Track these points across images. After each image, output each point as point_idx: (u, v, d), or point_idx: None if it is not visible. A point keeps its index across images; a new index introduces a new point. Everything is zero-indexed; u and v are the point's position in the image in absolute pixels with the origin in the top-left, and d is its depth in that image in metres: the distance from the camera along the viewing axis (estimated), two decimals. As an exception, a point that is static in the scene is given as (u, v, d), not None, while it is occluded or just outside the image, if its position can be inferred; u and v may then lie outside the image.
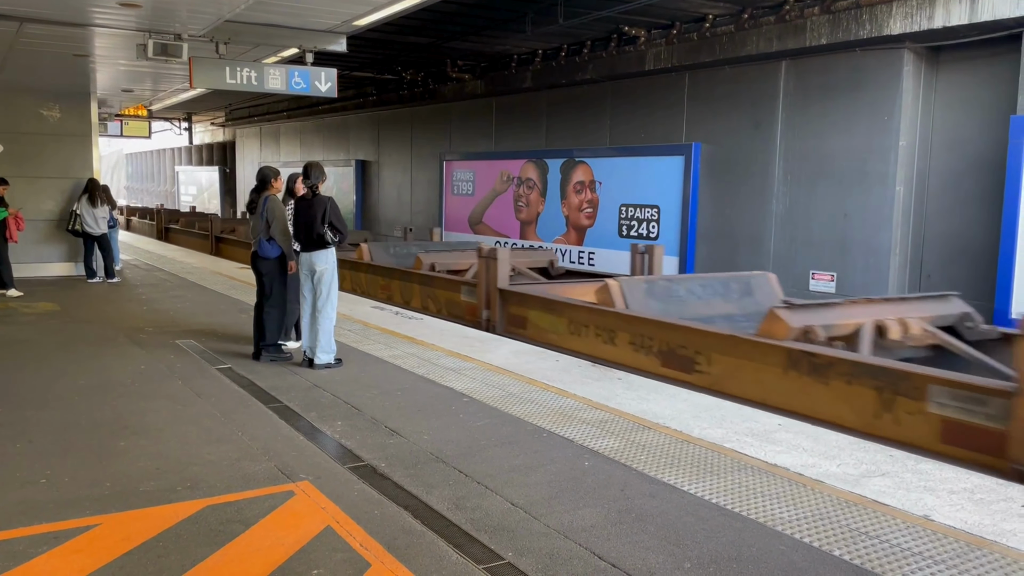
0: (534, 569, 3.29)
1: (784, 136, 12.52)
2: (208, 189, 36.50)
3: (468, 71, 18.62)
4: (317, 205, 6.86)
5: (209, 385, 6.28)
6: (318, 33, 9.27)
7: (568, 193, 16.58)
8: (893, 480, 4.35)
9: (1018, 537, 3.63)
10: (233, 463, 4.51)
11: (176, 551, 3.42)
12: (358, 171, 24.77)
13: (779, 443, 4.98)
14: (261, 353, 7.18)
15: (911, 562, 3.38)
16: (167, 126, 35.93)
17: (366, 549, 3.46)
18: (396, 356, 7.37)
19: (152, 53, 8.68)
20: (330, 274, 6.93)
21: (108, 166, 49.93)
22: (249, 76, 9.41)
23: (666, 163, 14.28)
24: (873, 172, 11.32)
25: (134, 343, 7.87)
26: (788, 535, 3.64)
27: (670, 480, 4.31)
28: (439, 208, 20.84)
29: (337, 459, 4.60)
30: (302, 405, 5.73)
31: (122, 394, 5.98)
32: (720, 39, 12.75)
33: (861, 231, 11.50)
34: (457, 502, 3.98)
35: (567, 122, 16.94)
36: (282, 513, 3.83)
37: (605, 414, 5.58)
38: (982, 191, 10.53)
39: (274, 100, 26.48)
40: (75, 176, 13.30)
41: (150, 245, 20.64)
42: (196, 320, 9.18)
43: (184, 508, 3.86)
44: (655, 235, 14.52)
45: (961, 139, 10.89)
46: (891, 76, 11.07)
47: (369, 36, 12.85)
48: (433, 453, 4.71)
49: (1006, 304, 9.73)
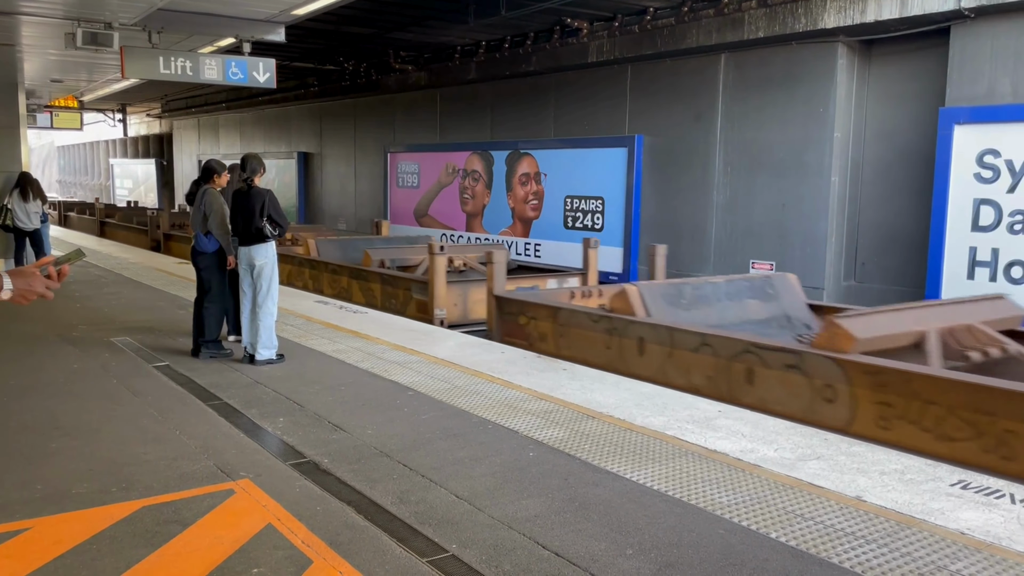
0: (478, 560, 3.30)
1: (724, 128, 12.73)
2: (145, 182, 35.57)
3: (411, 62, 18.47)
4: (255, 198, 6.74)
5: (146, 383, 6.13)
6: (255, 23, 9.10)
7: (514, 185, 16.60)
8: (828, 463, 4.47)
9: (946, 516, 3.76)
10: (170, 462, 4.42)
11: (111, 553, 3.33)
12: (300, 163, 24.40)
13: (719, 429, 5.07)
14: (200, 350, 7.03)
15: (844, 542, 3.48)
16: (100, 117, 34.81)
17: (308, 546, 3.42)
18: (340, 351, 7.30)
19: (81, 42, 8.43)
20: (270, 268, 6.82)
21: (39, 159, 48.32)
22: (184, 66, 9.20)
23: (610, 155, 14.40)
24: (810, 163, 11.59)
25: (67, 341, 7.64)
26: (727, 519, 3.71)
27: (613, 468, 4.36)
28: (384, 200, 20.67)
29: (279, 456, 4.54)
30: (243, 402, 5.63)
31: (54, 394, 5.81)
32: (661, 32, 12.89)
33: (799, 220, 11.76)
34: (401, 496, 3.96)
35: (512, 114, 16.95)
36: (221, 512, 3.77)
37: (550, 404, 5.61)
38: (913, 181, 10.87)
39: (212, 91, 25.88)
40: (4, 170, 12.82)
41: (87, 241, 20.04)
42: (133, 317, 8.94)
43: (119, 509, 3.77)
44: (600, 226, 14.63)
45: (892, 130, 11.21)
46: (826, 69, 11.34)
47: (309, 26, 12.64)
48: (377, 448, 4.68)
49: (936, 292, 10.07)
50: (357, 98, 21.33)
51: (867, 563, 3.29)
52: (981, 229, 9.76)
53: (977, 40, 9.85)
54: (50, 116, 26.06)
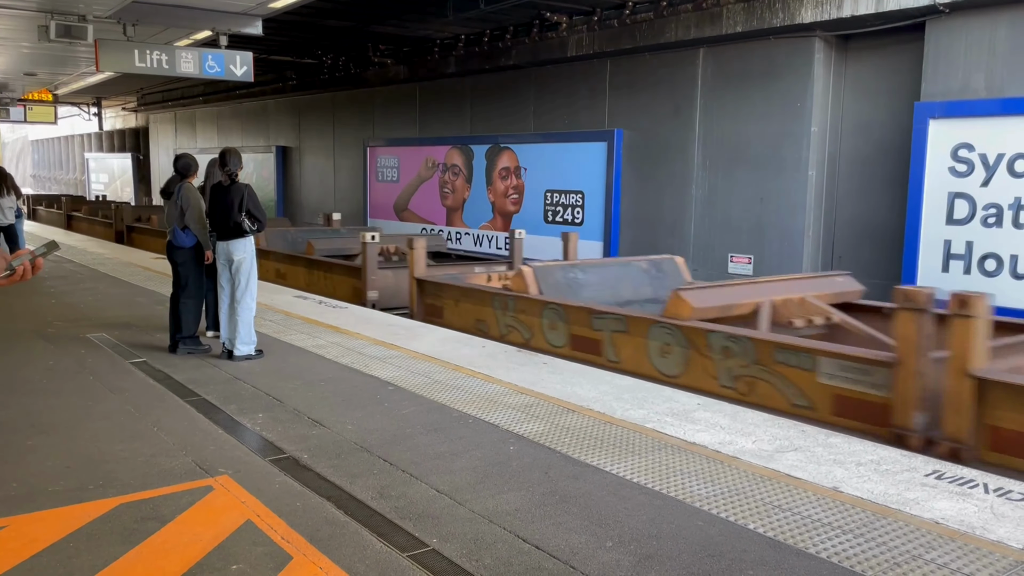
0: (458, 554, 3.31)
1: (703, 122, 12.78)
2: (121, 177, 35.17)
3: (391, 56, 18.38)
4: (234, 192, 6.69)
5: (122, 380, 6.07)
6: (232, 15, 9.02)
7: (494, 179, 16.58)
8: (805, 454, 4.52)
9: (921, 506, 3.81)
10: (148, 459, 4.38)
11: (87, 551, 3.31)
12: (279, 157, 24.22)
13: (698, 422, 5.11)
14: (178, 346, 6.98)
15: (821, 532, 3.52)
16: (75, 111, 34.40)
17: (288, 542, 3.41)
18: (320, 346, 7.27)
19: (55, 35, 8.32)
20: (248, 263, 6.78)
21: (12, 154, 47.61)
22: (160, 59, 9.10)
23: (589, 149, 14.41)
24: (787, 157, 11.66)
25: (42, 338, 7.54)
26: (705, 511, 3.74)
27: (593, 461, 4.38)
28: (363, 195, 20.58)
29: (258, 452, 4.52)
30: (221, 398, 5.60)
31: (29, 391, 5.74)
32: (640, 26, 12.91)
33: (776, 215, 11.85)
34: (381, 491, 3.96)
35: (492, 108, 16.91)
36: (200, 508, 3.75)
37: (530, 398, 5.62)
38: (888, 175, 10.97)
39: (189, 84, 25.62)
40: (-25, 164, 12.63)
41: (55, 234, 19.78)
42: (109, 313, 8.85)
43: (96, 507, 3.74)
44: (580, 220, 14.66)
45: (868, 125, 11.31)
46: (803, 64, 11.41)
47: (287, 19, 12.54)
48: (357, 443, 4.67)
49: (911, 283, 10.18)
50: (336, 92, 21.20)
51: (844, 553, 3.33)
52: (956, 222, 9.88)
53: (952, 35, 9.96)
54: (24, 110, 25.69)
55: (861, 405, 5.86)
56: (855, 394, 5.89)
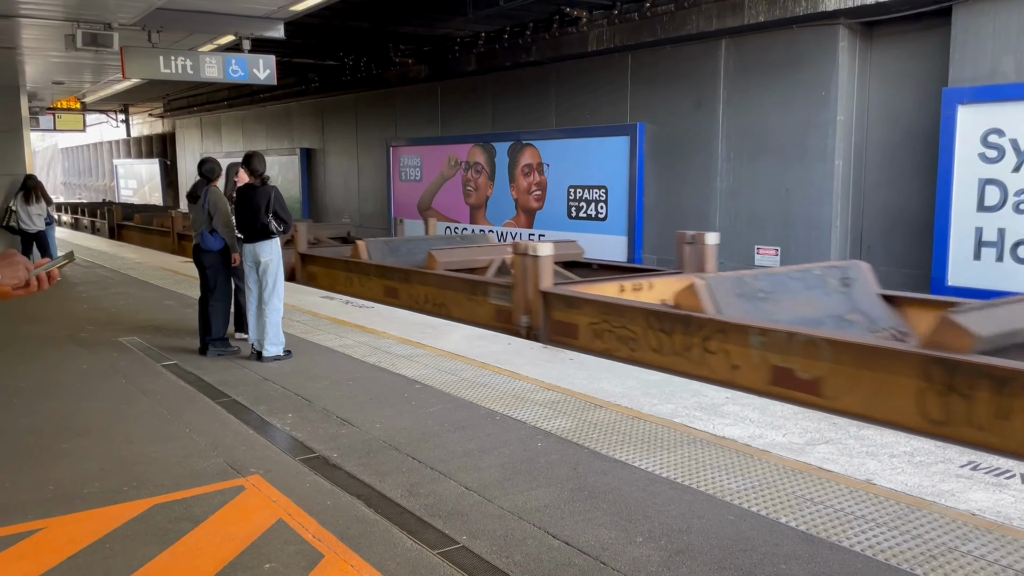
0: (488, 551, 3.31)
1: (726, 114, 12.68)
2: (149, 182, 35.63)
3: (411, 55, 18.43)
4: (261, 194, 6.75)
5: (154, 382, 6.15)
6: (254, 19, 9.09)
7: (516, 176, 16.57)
8: (837, 447, 4.47)
9: (956, 497, 3.76)
10: (181, 460, 4.44)
11: (124, 552, 3.35)
12: (303, 159, 24.40)
13: (727, 416, 5.07)
14: (208, 348, 7.05)
15: (855, 526, 3.48)
16: (103, 118, 34.88)
17: (319, 540, 3.44)
18: (347, 345, 7.31)
19: (81, 43, 8.43)
20: (275, 265, 6.83)
21: (43, 162, 48.39)
22: (184, 65, 9.19)
23: (612, 143, 14.35)
24: (813, 147, 11.54)
25: (76, 342, 7.67)
26: (736, 505, 3.72)
27: (622, 457, 4.36)
28: (387, 195, 20.66)
29: (288, 452, 4.56)
30: (251, 399, 5.65)
31: (64, 395, 5.83)
32: (661, 19, 12.82)
33: (803, 205, 11.72)
34: (410, 489, 3.97)
35: (513, 105, 16.90)
36: (232, 508, 3.79)
37: (557, 395, 5.61)
38: (917, 163, 10.81)
39: (213, 89, 25.87)
40: (7, 173, 12.86)
41: (100, 244, 20.09)
42: (140, 317, 8.97)
43: (131, 508, 3.79)
44: (603, 216, 14.61)
45: (896, 112, 11.15)
46: (827, 52, 11.27)
47: (308, 22, 12.62)
48: (386, 441, 4.69)
49: (942, 272, 10.03)
50: (358, 93, 21.30)
51: (878, 546, 3.29)
52: (987, 209, 9.71)
53: (979, 19, 9.78)
54: (53, 118, 26.09)
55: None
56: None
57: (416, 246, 12.66)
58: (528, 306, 8.85)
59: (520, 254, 8.94)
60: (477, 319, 9.41)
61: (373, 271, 11.80)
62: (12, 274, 2.06)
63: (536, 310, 8.78)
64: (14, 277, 2.06)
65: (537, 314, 8.77)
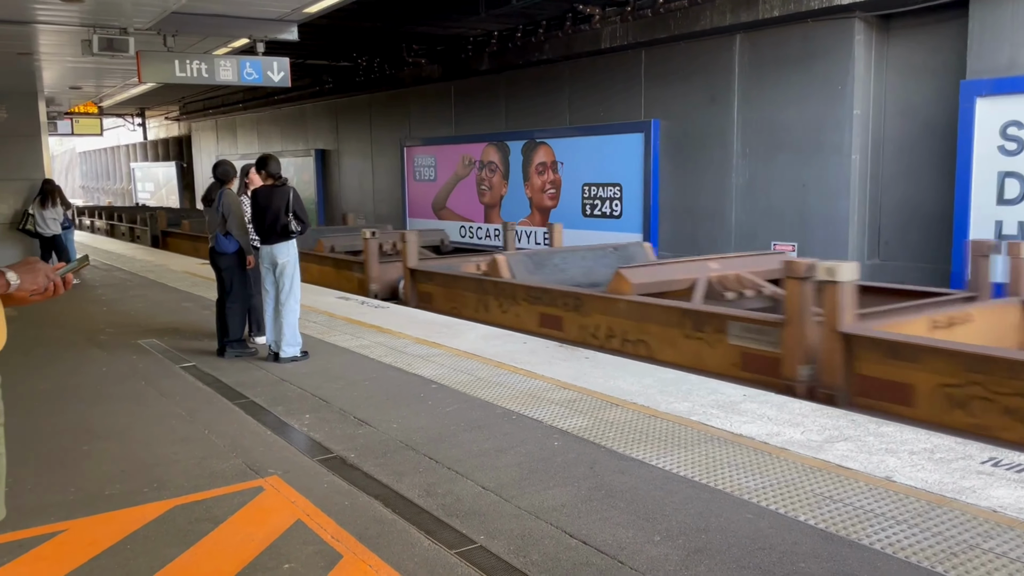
0: (506, 551, 3.31)
1: (741, 109, 12.61)
2: (166, 185, 35.91)
3: (424, 55, 18.46)
4: (279, 195, 6.78)
5: (173, 384, 6.20)
6: (268, 22, 9.14)
7: (530, 175, 16.56)
8: (856, 444, 4.44)
9: (977, 494, 3.72)
10: (200, 461, 4.47)
11: (145, 553, 3.38)
12: (318, 161, 24.51)
13: (744, 413, 5.05)
14: (225, 349, 7.10)
15: (875, 523, 3.46)
16: (119, 122, 35.19)
17: (337, 541, 3.45)
18: (363, 346, 7.34)
19: (97, 49, 8.50)
20: (292, 266, 6.87)
21: (61, 166, 48.89)
22: (199, 68, 9.25)
23: (626, 140, 14.32)
24: (829, 142, 11.46)
25: (95, 345, 7.74)
26: (754, 503, 3.70)
27: (639, 455, 4.35)
28: (402, 195, 20.72)
29: (306, 452, 4.58)
30: (269, 400, 5.69)
31: (84, 398, 5.89)
32: (674, 15, 12.77)
33: (819, 201, 11.64)
34: (428, 489, 3.98)
35: (526, 103, 16.89)
36: (251, 509, 3.81)
37: (573, 393, 5.61)
38: (935, 156, 10.71)
39: (229, 92, 26.03)
40: (26, 177, 13.00)
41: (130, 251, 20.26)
42: (158, 319, 9.05)
43: (152, 509, 3.82)
44: (618, 213, 14.58)
45: (913, 106, 11.05)
46: (843, 46, 11.19)
47: (321, 23, 12.65)
48: (403, 441, 4.71)
49: (961, 267, 9.93)
50: (372, 93, 21.37)
51: (899, 544, 3.27)
52: (1007, 203, 9.61)
53: (997, 10, 9.68)
54: (71, 123, 26.34)
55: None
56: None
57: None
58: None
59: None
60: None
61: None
62: (32, 280, 2.12)
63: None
64: (34, 283, 2.12)
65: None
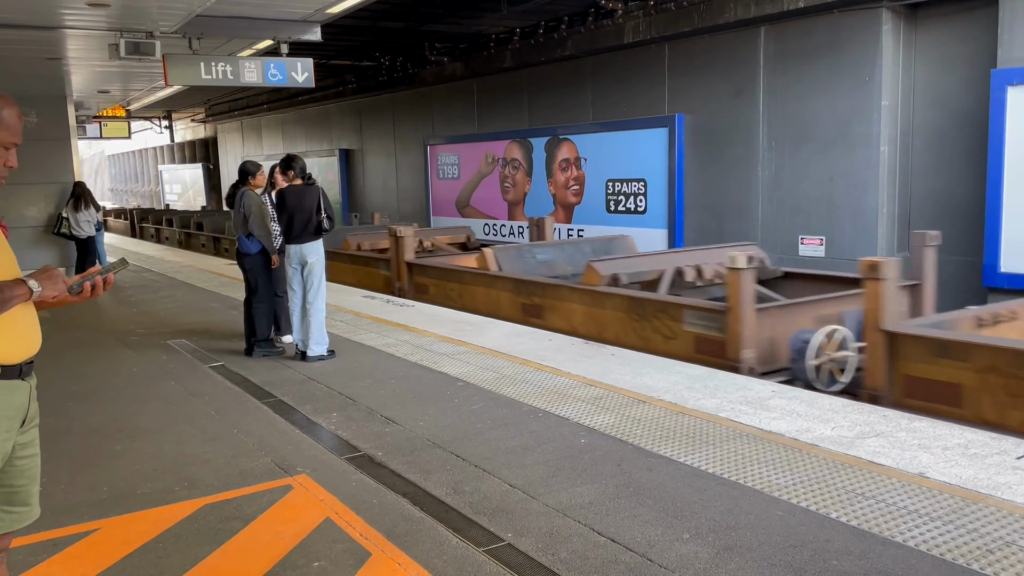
0: (534, 548, 3.31)
1: (766, 102, 12.48)
2: (193, 187, 36.28)
3: (447, 54, 18.48)
4: (310, 194, 6.82)
5: (202, 384, 6.27)
6: (292, 23, 9.19)
7: (554, 171, 16.52)
8: (887, 440, 4.37)
9: (1013, 490, 3.66)
10: (230, 460, 4.51)
11: (176, 551, 3.42)
12: (342, 160, 24.64)
13: (773, 410, 5.00)
14: (253, 349, 7.16)
15: (908, 520, 3.41)
16: (147, 125, 35.64)
17: (366, 538, 3.47)
18: (389, 344, 7.37)
19: (124, 52, 8.60)
20: (320, 265, 6.91)
21: (90, 169, 49.59)
22: (224, 70, 9.33)
23: (650, 136, 14.23)
24: (857, 133, 11.30)
25: (125, 345, 7.84)
26: (785, 500, 3.66)
27: (666, 452, 4.33)
28: (426, 193, 20.77)
29: (334, 450, 4.61)
30: (296, 398, 5.72)
31: (115, 397, 5.97)
32: (698, 8, 12.67)
33: (848, 193, 11.50)
34: (455, 486, 3.98)
35: (549, 100, 16.85)
36: (281, 507, 3.84)
37: (600, 391, 5.59)
38: (966, 147, 10.53)
39: (254, 93, 26.25)
40: (57, 181, 13.19)
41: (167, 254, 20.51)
42: (187, 319, 9.14)
43: (183, 508, 3.86)
44: (643, 209, 14.50)
45: (943, 96, 10.87)
46: (870, 36, 11.03)
47: (344, 23, 12.71)
48: (429, 439, 4.72)
49: (994, 259, 9.77)
50: (395, 92, 21.43)
51: (932, 541, 3.22)
52: (1040, 193, 9.42)
53: (1029, -3, 9.49)
54: (99, 126, 26.69)
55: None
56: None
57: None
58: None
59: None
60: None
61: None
62: (52, 286, 2.35)
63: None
64: (53, 288, 2.35)
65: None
